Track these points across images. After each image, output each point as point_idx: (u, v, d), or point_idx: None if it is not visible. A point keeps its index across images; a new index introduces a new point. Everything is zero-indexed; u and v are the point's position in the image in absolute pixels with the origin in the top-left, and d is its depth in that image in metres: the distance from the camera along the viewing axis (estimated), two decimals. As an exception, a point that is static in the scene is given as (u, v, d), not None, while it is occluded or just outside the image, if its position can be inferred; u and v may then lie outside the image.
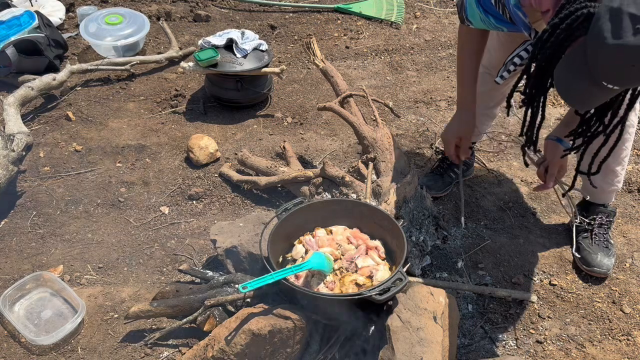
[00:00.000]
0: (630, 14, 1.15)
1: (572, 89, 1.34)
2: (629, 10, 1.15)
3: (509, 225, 2.44)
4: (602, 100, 1.37)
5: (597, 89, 1.27)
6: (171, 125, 2.98)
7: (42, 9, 3.54)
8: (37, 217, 2.42)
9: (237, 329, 1.68)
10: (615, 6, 1.17)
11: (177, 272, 2.16)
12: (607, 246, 2.23)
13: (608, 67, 1.23)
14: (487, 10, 1.72)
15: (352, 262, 1.84)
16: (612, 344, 2.00)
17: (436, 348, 1.59)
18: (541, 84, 1.48)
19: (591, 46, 1.23)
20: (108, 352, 1.92)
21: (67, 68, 3.09)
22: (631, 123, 2.02)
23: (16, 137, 2.48)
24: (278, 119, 3.06)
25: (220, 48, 2.99)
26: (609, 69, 1.23)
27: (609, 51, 1.20)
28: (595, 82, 1.26)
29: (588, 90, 1.29)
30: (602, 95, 1.31)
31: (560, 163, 1.92)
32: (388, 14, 3.98)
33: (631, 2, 1.15)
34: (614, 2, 1.18)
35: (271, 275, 1.67)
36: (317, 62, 2.79)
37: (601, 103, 1.41)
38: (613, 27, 1.18)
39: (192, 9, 3.98)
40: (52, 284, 2.08)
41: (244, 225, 2.10)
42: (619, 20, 1.17)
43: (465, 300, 2.12)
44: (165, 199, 2.54)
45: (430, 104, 3.18)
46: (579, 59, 1.28)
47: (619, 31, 1.17)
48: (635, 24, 1.15)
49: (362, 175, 2.31)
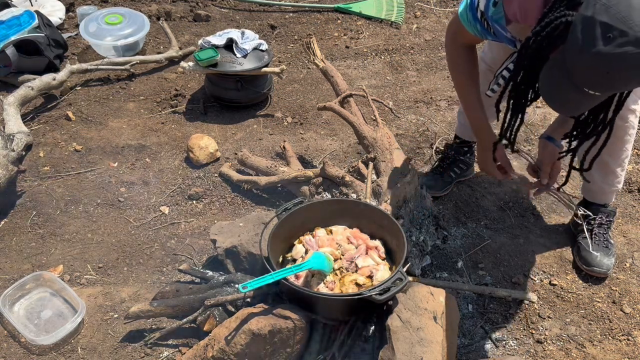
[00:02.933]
0: (602, 23, 1.17)
1: (556, 96, 1.37)
2: (600, 19, 1.17)
3: (509, 225, 2.44)
4: (588, 105, 1.38)
5: (580, 95, 1.29)
6: (171, 125, 2.98)
7: (42, 8, 3.54)
8: (37, 217, 2.42)
9: (237, 329, 1.68)
10: (589, 15, 1.19)
11: (177, 272, 2.16)
12: (607, 246, 2.23)
13: (584, 74, 1.26)
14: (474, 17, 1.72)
15: (352, 262, 1.84)
16: (612, 344, 2.00)
17: (436, 348, 1.59)
18: (525, 91, 1.50)
19: (568, 54, 1.26)
20: (108, 352, 1.92)
21: (67, 68, 3.09)
22: (631, 124, 2.02)
23: (16, 137, 2.48)
24: (278, 118, 3.06)
25: (220, 48, 2.99)
26: (586, 76, 1.26)
27: (583, 59, 1.23)
28: (576, 89, 1.28)
29: (571, 97, 1.32)
30: (586, 100, 1.32)
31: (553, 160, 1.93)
32: (388, 14, 3.98)
33: (603, 11, 1.17)
34: (588, 11, 1.20)
35: (271, 275, 1.67)
36: (317, 62, 2.79)
37: (589, 108, 1.42)
38: (586, 36, 1.21)
39: (192, 8, 3.98)
40: (52, 283, 2.08)
41: (244, 225, 2.10)
42: (591, 28, 1.19)
43: (465, 300, 2.12)
44: (165, 198, 2.54)
45: (430, 103, 3.18)
46: (560, 66, 1.31)
47: (591, 39, 1.19)
48: (605, 32, 1.17)
49: (362, 175, 2.31)
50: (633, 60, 1.16)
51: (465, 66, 1.92)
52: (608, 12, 1.17)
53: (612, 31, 1.16)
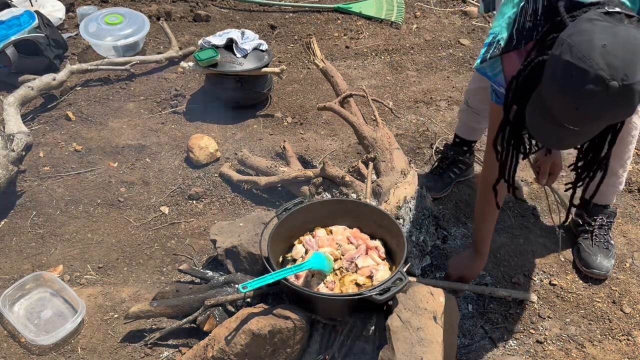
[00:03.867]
0: (565, 62, 1.20)
1: (542, 132, 1.39)
2: (564, 57, 1.20)
3: (509, 225, 2.44)
4: (575, 140, 1.39)
5: (563, 130, 1.31)
6: (171, 125, 2.98)
7: (42, 8, 3.54)
8: (37, 217, 2.42)
9: (237, 329, 1.68)
10: (557, 54, 1.23)
11: (177, 272, 2.16)
12: (607, 247, 2.23)
13: (559, 110, 1.28)
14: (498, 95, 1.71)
15: (352, 262, 1.84)
16: (612, 344, 2.00)
17: (436, 348, 1.59)
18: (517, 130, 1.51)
19: (544, 92, 1.30)
20: (108, 352, 1.92)
21: (67, 68, 3.09)
22: (634, 125, 2.02)
23: (16, 137, 2.48)
24: (278, 119, 3.06)
25: (220, 48, 2.99)
26: (561, 112, 1.28)
27: (554, 96, 1.26)
28: (558, 124, 1.30)
29: (554, 131, 1.34)
30: (571, 136, 1.33)
31: (552, 160, 1.92)
32: (388, 14, 3.98)
33: (567, 50, 1.20)
34: (557, 50, 1.23)
35: (271, 275, 1.67)
36: (317, 62, 2.79)
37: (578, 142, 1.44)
38: (552, 74, 1.24)
39: (192, 8, 3.98)
40: (52, 284, 2.08)
41: (244, 225, 2.10)
42: (557, 67, 1.22)
43: (465, 300, 2.11)
44: (165, 198, 2.54)
45: (430, 104, 3.18)
46: (540, 104, 1.33)
47: (556, 78, 1.23)
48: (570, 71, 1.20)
49: (362, 175, 2.31)
50: (597, 97, 1.18)
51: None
52: (571, 52, 1.20)
53: (572, 70, 1.19)
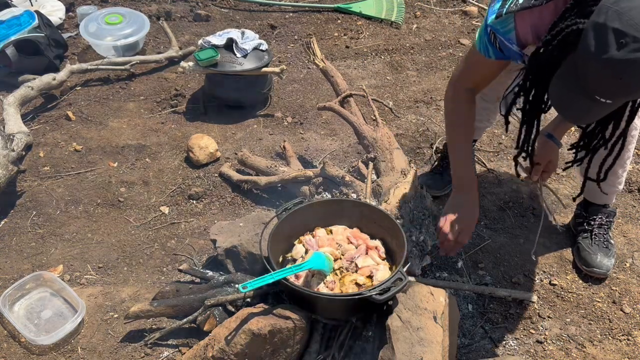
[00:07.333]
0: (614, 29, 1.18)
1: (567, 104, 1.37)
2: (613, 25, 1.18)
3: (509, 225, 2.44)
4: (598, 114, 1.38)
5: (591, 103, 1.29)
6: (171, 125, 2.98)
7: (42, 8, 3.54)
8: (37, 217, 2.42)
9: (237, 329, 1.68)
10: (601, 22, 1.20)
11: (177, 272, 2.16)
12: (607, 246, 2.23)
13: (597, 81, 1.26)
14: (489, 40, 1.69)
15: (352, 262, 1.84)
16: (612, 344, 2.00)
17: (436, 348, 1.59)
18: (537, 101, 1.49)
19: (580, 61, 1.27)
20: (108, 352, 1.92)
21: (67, 68, 3.09)
22: (634, 125, 2.02)
23: (16, 137, 2.48)
24: (278, 118, 3.05)
25: (220, 48, 2.99)
26: (598, 83, 1.26)
27: (595, 65, 1.23)
28: (588, 96, 1.28)
29: (583, 105, 1.32)
30: (598, 109, 1.31)
31: (549, 158, 1.92)
32: (388, 14, 3.98)
33: (615, 18, 1.18)
34: (600, 18, 1.21)
35: (271, 275, 1.67)
36: (317, 62, 2.79)
37: (600, 117, 1.42)
38: (598, 42, 1.21)
39: (192, 8, 3.98)
40: (52, 283, 2.08)
41: (244, 225, 2.10)
42: (604, 35, 1.20)
43: (465, 300, 2.11)
44: (165, 198, 2.54)
45: (430, 103, 3.18)
46: (571, 74, 1.32)
47: (604, 46, 1.20)
48: (619, 38, 1.18)
49: (362, 175, 2.31)
50: None
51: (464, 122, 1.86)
52: (621, 19, 1.17)
53: (624, 37, 1.17)
